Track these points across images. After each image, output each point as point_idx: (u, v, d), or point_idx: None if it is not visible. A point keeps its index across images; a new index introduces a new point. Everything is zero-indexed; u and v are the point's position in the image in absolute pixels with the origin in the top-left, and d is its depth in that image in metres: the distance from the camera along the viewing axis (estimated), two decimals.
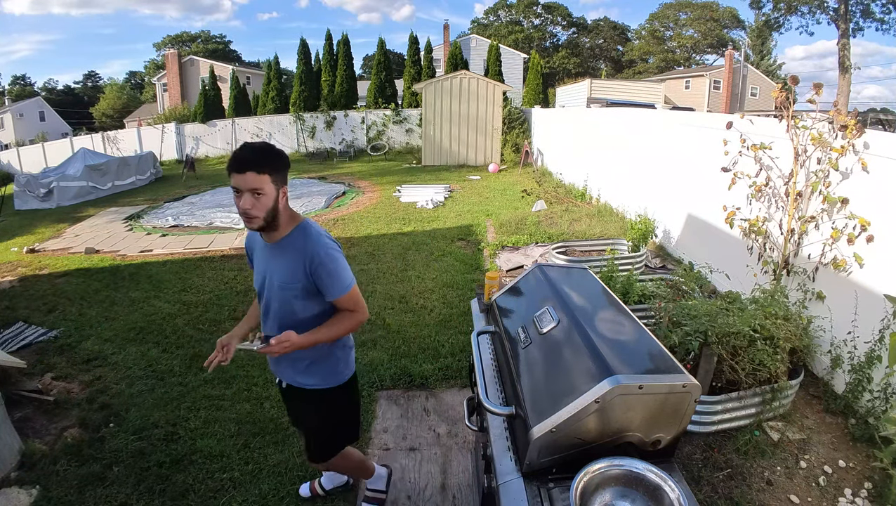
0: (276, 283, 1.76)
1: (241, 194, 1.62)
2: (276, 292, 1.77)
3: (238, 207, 1.64)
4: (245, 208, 1.62)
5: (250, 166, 1.60)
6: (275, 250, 1.76)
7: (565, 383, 1.33)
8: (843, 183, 3.08)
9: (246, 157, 1.61)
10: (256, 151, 1.64)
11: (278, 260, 1.75)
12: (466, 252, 6.13)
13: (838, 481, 2.38)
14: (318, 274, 1.71)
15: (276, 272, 1.76)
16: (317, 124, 19.00)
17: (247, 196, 1.62)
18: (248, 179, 1.60)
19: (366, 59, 49.42)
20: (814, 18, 30.28)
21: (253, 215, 1.64)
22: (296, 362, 1.87)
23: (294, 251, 1.72)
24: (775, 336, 2.63)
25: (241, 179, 1.60)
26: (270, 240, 1.77)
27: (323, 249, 1.72)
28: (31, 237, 8.20)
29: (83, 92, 52.38)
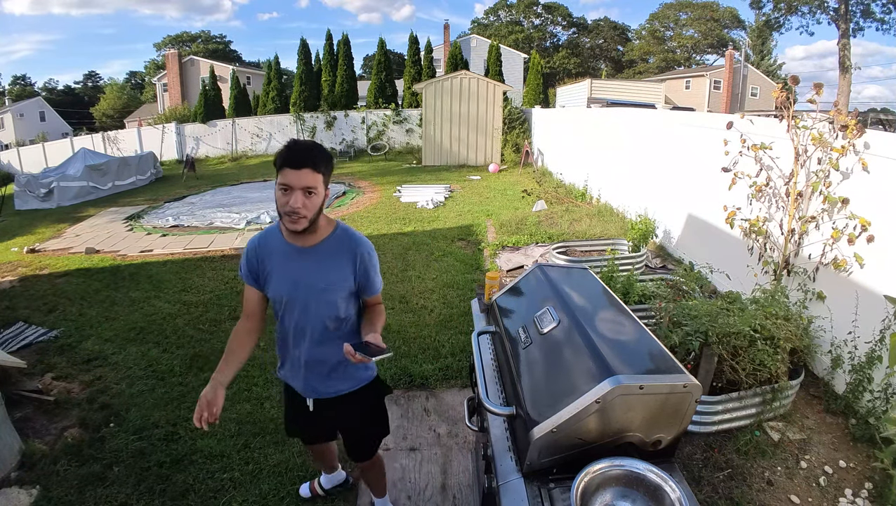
0: (320, 286, 1.67)
1: (292, 192, 1.52)
2: (317, 295, 1.68)
3: (283, 205, 1.54)
4: (296, 207, 1.52)
5: (309, 163, 1.52)
6: (311, 254, 1.67)
7: (566, 383, 1.33)
8: (843, 183, 3.08)
9: (304, 153, 1.53)
10: (313, 148, 1.56)
11: (319, 263, 1.67)
12: (467, 252, 6.13)
13: (839, 482, 2.38)
14: (367, 272, 1.71)
15: (317, 275, 1.67)
16: (317, 124, 19.01)
17: (298, 194, 1.52)
18: (303, 175, 1.51)
19: (366, 60, 49.45)
20: (814, 18, 30.30)
21: (302, 215, 1.55)
22: (331, 372, 1.80)
23: (342, 252, 1.68)
24: (776, 336, 2.63)
25: (296, 176, 1.51)
26: (305, 243, 1.67)
27: (368, 249, 1.73)
28: (31, 237, 8.20)
29: (83, 92, 52.41)
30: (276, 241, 1.71)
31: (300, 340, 1.75)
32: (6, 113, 35.18)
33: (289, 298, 1.70)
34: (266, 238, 1.74)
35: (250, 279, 1.75)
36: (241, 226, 8.13)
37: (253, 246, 1.75)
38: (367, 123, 18.78)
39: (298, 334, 1.74)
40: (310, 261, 1.67)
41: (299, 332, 1.74)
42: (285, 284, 1.69)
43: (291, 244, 1.68)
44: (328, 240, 1.69)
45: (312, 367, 1.78)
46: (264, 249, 1.72)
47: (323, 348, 1.74)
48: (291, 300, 1.70)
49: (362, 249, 1.70)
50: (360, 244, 1.71)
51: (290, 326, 1.74)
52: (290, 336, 1.76)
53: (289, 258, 1.68)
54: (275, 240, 1.71)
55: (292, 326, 1.74)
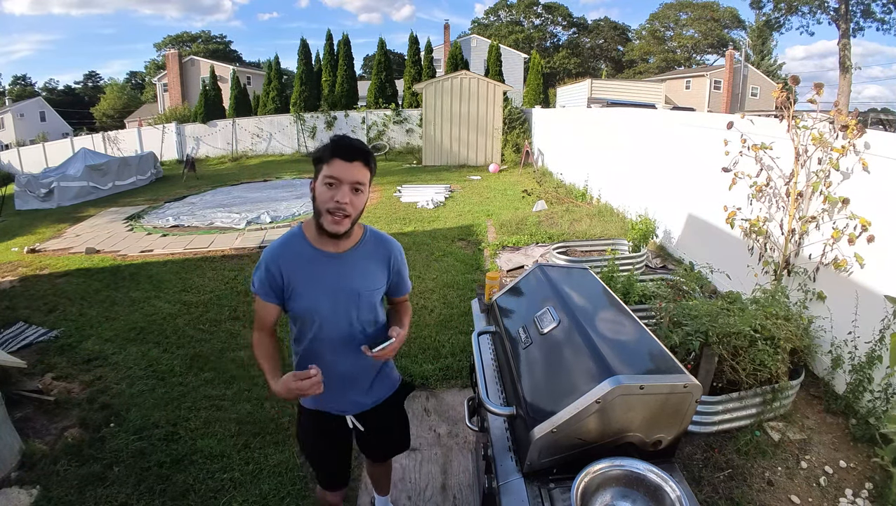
0: (360, 291, 1.57)
1: (340, 186, 1.40)
2: (359, 301, 1.58)
3: (327, 201, 1.41)
4: (344, 202, 1.40)
5: (360, 156, 1.42)
6: (347, 259, 1.56)
7: (566, 383, 1.33)
8: (843, 183, 3.08)
9: (357, 145, 1.43)
10: (363, 145, 1.46)
11: (355, 267, 1.57)
12: (467, 252, 6.13)
13: (839, 482, 2.38)
14: (400, 273, 1.69)
15: (356, 280, 1.57)
16: (317, 124, 19.02)
17: (346, 189, 1.41)
18: (355, 169, 1.41)
19: (366, 60, 49.46)
20: (814, 18, 30.30)
21: (347, 214, 1.43)
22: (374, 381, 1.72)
23: (376, 255, 1.62)
24: (776, 336, 2.63)
25: (346, 169, 1.40)
26: (339, 248, 1.55)
27: (400, 250, 1.69)
28: (31, 237, 8.20)
29: (84, 92, 52.43)
30: (301, 247, 1.54)
31: (343, 352, 1.60)
32: (6, 113, 35.20)
33: (328, 308, 1.55)
34: (288, 246, 1.55)
35: (271, 295, 1.54)
36: (242, 226, 8.13)
37: (273, 257, 1.53)
38: (367, 123, 18.79)
39: (341, 347, 1.60)
40: (347, 266, 1.56)
41: (341, 344, 1.59)
42: (322, 294, 1.53)
43: (322, 250, 1.53)
44: (363, 243, 1.60)
45: (356, 380, 1.68)
46: (288, 259, 1.52)
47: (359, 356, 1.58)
48: (331, 311, 1.55)
49: (395, 251, 1.66)
50: (393, 246, 1.66)
51: (328, 339, 1.58)
52: (327, 352, 1.59)
53: (321, 265, 1.53)
54: (300, 246, 1.54)
55: (332, 339, 1.58)
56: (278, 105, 20.34)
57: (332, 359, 1.59)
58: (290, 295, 1.53)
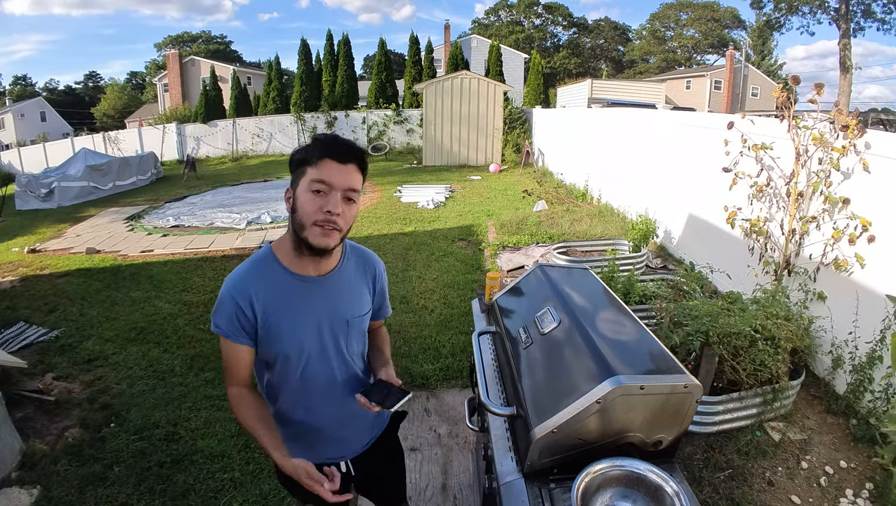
0: (349, 318, 1.33)
1: (329, 193, 1.16)
2: (347, 331, 1.34)
3: (316, 210, 1.16)
4: (335, 212, 1.16)
5: (356, 158, 1.20)
6: (332, 282, 1.31)
7: (566, 383, 1.33)
8: (844, 183, 3.07)
9: (350, 145, 1.20)
10: (355, 144, 1.23)
11: (341, 292, 1.33)
12: (467, 252, 6.13)
13: (839, 482, 2.38)
14: (384, 293, 1.47)
15: (344, 307, 1.32)
16: (318, 125, 19.02)
17: (338, 197, 1.16)
18: (349, 173, 1.18)
19: (366, 60, 49.49)
20: (815, 18, 30.31)
21: (339, 226, 1.18)
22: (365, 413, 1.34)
23: (360, 274, 1.39)
24: (776, 336, 2.63)
25: (340, 173, 1.16)
26: (321, 269, 1.29)
27: (382, 266, 1.46)
28: (32, 237, 8.21)
29: (84, 92, 52.46)
30: (274, 273, 1.26)
31: (334, 393, 1.35)
32: (7, 113, 35.22)
33: (316, 345, 1.29)
34: (257, 272, 1.26)
35: (241, 335, 1.23)
36: (242, 226, 8.14)
37: (240, 287, 1.23)
38: (367, 124, 18.79)
39: (330, 388, 1.34)
40: (332, 291, 1.31)
41: (331, 384, 1.34)
42: (307, 328, 1.27)
43: (300, 274, 1.27)
44: (345, 262, 1.36)
45: (352, 421, 1.42)
46: (260, 288, 1.23)
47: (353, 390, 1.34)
48: (318, 347, 1.30)
49: (379, 269, 1.44)
50: (376, 263, 1.45)
51: (315, 381, 1.32)
52: (315, 396, 1.33)
53: (302, 293, 1.27)
54: (272, 272, 1.26)
55: (320, 380, 1.32)
56: (279, 105, 20.35)
57: (323, 403, 1.35)
58: (265, 334, 1.24)
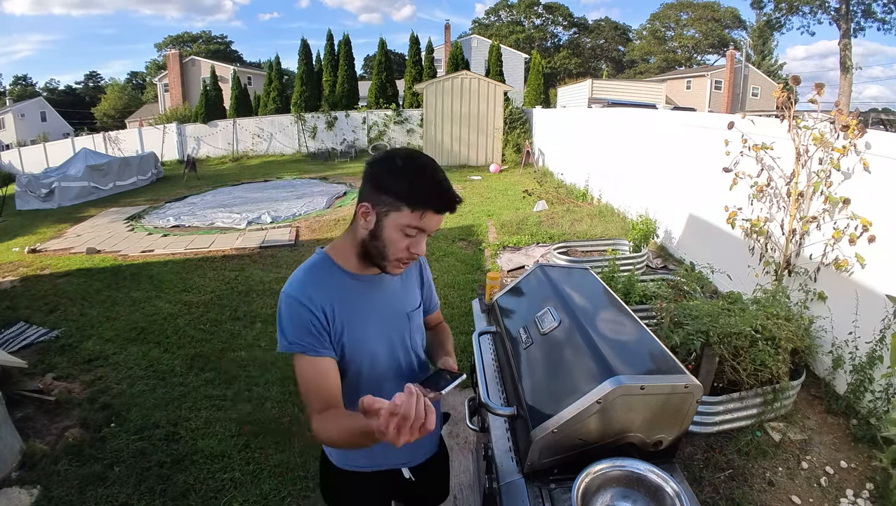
0: (408, 312, 1.34)
1: (422, 237, 1.17)
2: (409, 326, 1.34)
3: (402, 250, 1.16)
4: (420, 253, 1.19)
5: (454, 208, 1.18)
6: (384, 281, 1.29)
7: (567, 383, 1.33)
8: (844, 183, 3.07)
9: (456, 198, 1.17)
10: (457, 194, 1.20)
11: (396, 287, 1.33)
12: (467, 252, 6.13)
13: (840, 482, 2.37)
14: (429, 283, 1.47)
15: (402, 301, 1.33)
16: (318, 125, 19.02)
17: (424, 238, 1.18)
18: (441, 219, 1.18)
19: (367, 60, 49.48)
20: (815, 18, 30.28)
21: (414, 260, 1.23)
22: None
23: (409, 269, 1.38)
24: (777, 336, 2.63)
25: (439, 221, 1.17)
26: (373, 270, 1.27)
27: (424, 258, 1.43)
28: (32, 237, 8.21)
29: (84, 92, 52.47)
30: (334, 277, 1.22)
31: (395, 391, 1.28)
32: (7, 113, 35.22)
33: (384, 343, 1.27)
34: (322, 276, 1.21)
35: (324, 346, 1.14)
36: (242, 226, 8.14)
37: (307, 296, 1.15)
38: (367, 124, 18.80)
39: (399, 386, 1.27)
40: (389, 287, 1.30)
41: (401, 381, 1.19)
42: (376, 327, 1.24)
43: (362, 275, 1.25)
44: None
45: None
46: (330, 291, 1.19)
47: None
48: (387, 345, 1.27)
49: (423, 261, 1.44)
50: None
51: (387, 380, 1.28)
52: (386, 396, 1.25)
53: (366, 293, 1.25)
54: (332, 276, 1.22)
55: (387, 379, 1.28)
56: (279, 105, 20.35)
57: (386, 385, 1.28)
58: (338, 339, 1.18)
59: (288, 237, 7.19)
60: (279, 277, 5.54)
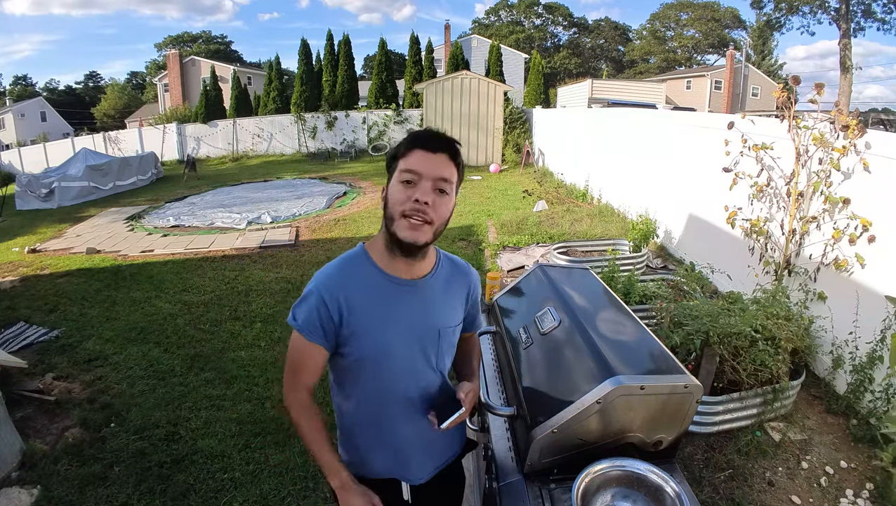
0: (441, 328, 1.24)
1: (419, 182, 1.09)
2: (437, 342, 1.24)
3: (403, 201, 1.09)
4: (424, 200, 1.08)
5: (447, 147, 1.13)
6: (426, 288, 1.22)
7: (567, 383, 1.33)
8: (844, 183, 3.07)
9: (441, 135, 1.15)
10: (447, 136, 1.16)
11: (434, 299, 1.24)
12: (468, 252, 6.13)
13: (840, 482, 2.37)
14: (477, 305, 1.38)
15: (436, 315, 1.23)
16: (318, 125, 19.02)
17: (428, 186, 1.09)
18: (439, 161, 1.11)
19: (367, 60, 49.47)
20: (815, 18, 30.29)
21: (429, 218, 1.10)
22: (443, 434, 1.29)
23: (454, 283, 1.29)
24: (777, 336, 2.63)
25: (429, 161, 1.10)
26: (415, 273, 1.21)
27: (478, 277, 1.37)
28: (32, 237, 8.21)
29: (84, 92, 52.46)
30: (367, 272, 1.19)
31: (414, 408, 1.24)
32: (7, 113, 35.21)
33: (402, 352, 1.20)
34: (351, 269, 1.19)
35: (319, 335, 1.15)
36: (242, 226, 8.14)
37: (333, 284, 1.16)
38: (367, 124, 18.78)
39: (411, 402, 1.24)
40: (425, 297, 1.22)
41: (413, 397, 1.23)
42: (396, 333, 1.18)
43: (393, 276, 1.19)
44: (440, 268, 1.27)
45: (427, 442, 1.30)
46: (353, 287, 1.16)
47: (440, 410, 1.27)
48: (405, 355, 1.20)
49: (474, 280, 1.35)
50: (472, 274, 1.35)
51: (395, 393, 1.22)
52: (393, 409, 1.24)
53: (394, 295, 1.18)
54: (365, 270, 1.19)
55: (400, 392, 1.22)
56: (279, 105, 20.34)
57: (400, 418, 1.24)
58: (349, 334, 1.16)
59: (288, 237, 7.19)
60: (279, 276, 5.54)
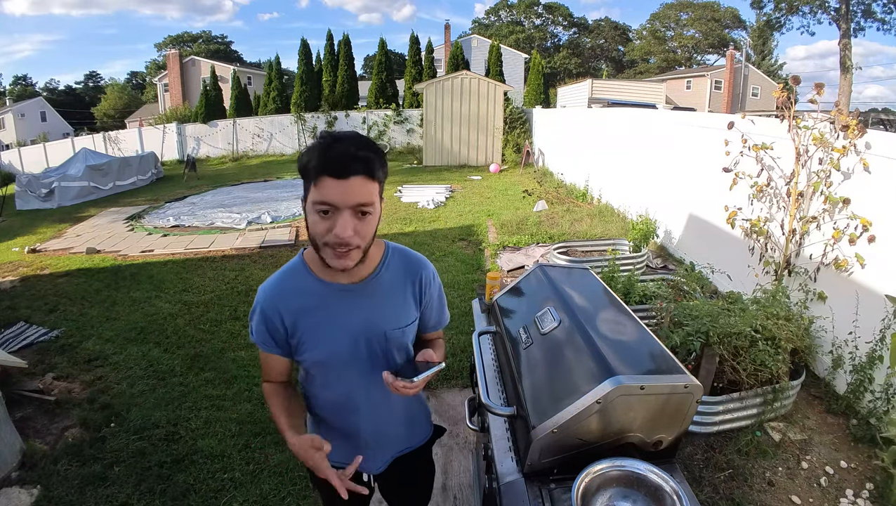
0: (387, 330, 1.22)
1: (337, 214, 1.02)
2: (385, 345, 1.23)
3: (322, 234, 1.04)
4: (345, 237, 1.02)
5: (360, 168, 1.01)
6: (367, 290, 1.21)
7: (567, 383, 1.33)
8: (844, 183, 3.07)
9: (350, 153, 1.00)
10: (363, 145, 1.04)
11: (383, 300, 1.22)
12: (468, 252, 6.13)
13: (840, 482, 2.37)
14: (430, 298, 1.31)
15: (381, 318, 1.22)
16: (318, 124, 19.01)
17: (346, 216, 1.02)
18: (353, 188, 1.00)
19: (367, 60, 49.53)
20: (815, 18, 30.32)
21: (354, 246, 1.05)
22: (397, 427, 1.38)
23: (400, 280, 1.26)
24: (777, 336, 2.63)
25: (342, 189, 0.99)
26: (354, 277, 1.19)
27: (430, 270, 1.31)
28: (32, 237, 8.21)
29: (84, 92, 52.48)
30: (305, 282, 1.19)
31: (361, 406, 1.28)
32: (7, 113, 35.21)
33: (348, 357, 1.21)
34: (287, 282, 1.20)
35: (272, 346, 1.21)
36: (242, 226, 8.14)
37: (269, 298, 1.18)
38: (367, 123, 18.78)
39: (358, 400, 1.27)
40: (367, 299, 1.21)
41: (361, 396, 1.27)
42: (339, 340, 1.19)
43: (332, 283, 1.19)
44: (385, 268, 1.24)
45: (384, 436, 1.36)
46: (289, 300, 1.18)
47: (389, 405, 1.32)
48: (352, 360, 1.22)
49: (426, 274, 1.29)
50: (422, 267, 1.29)
51: (344, 392, 1.26)
52: (343, 406, 1.28)
53: (334, 303, 1.19)
54: (303, 282, 1.19)
55: (349, 391, 1.26)
56: (279, 105, 20.35)
57: (352, 414, 1.29)
58: (297, 343, 1.19)
59: (288, 237, 7.19)
60: None
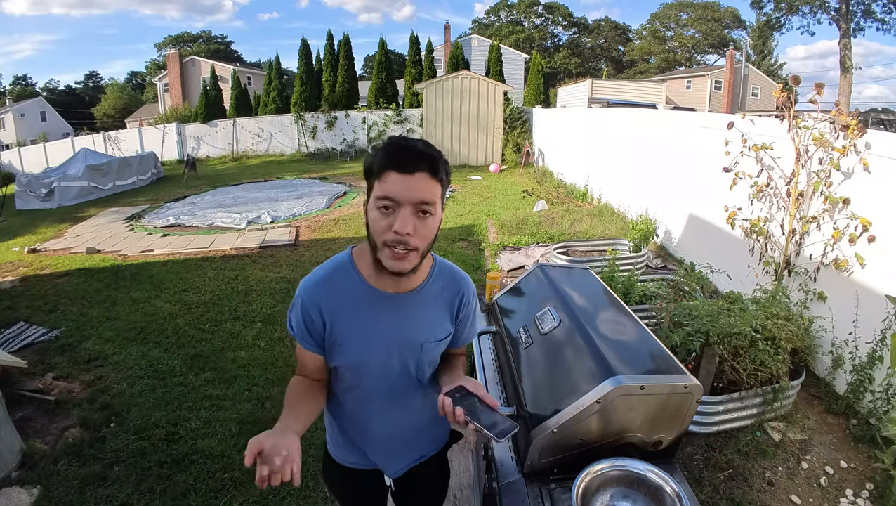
0: (423, 343, 1.20)
1: (398, 210, 1.00)
2: (418, 356, 1.21)
3: (383, 230, 1.02)
4: (405, 232, 0.99)
5: (425, 165, 1.00)
6: (411, 302, 1.18)
7: (567, 383, 1.33)
8: (844, 183, 3.07)
9: (419, 148, 1.01)
10: (429, 146, 1.04)
11: (420, 313, 1.19)
12: (468, 252, 6.13)
13: (840, 482, 2.37)
14: (466, 316, 1.28)
15: (420, 330, 1.19)
16: (318, 124, 19.01)
17: (407, 213, 1.00)
18: (418, 183, 0.99)
19: (367, 60, 49.48)
20: (815, 18, 30.28)
21: (413, 247, 1.02)
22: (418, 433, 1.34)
23: (442, 295, 1.23)
24: (777, 336, 2.63)
25: (406, 185, 0.99)
26: (401, 287, 1.16)
27: (471, 289, 1.28)
28: (32, 237, 8.21)
29: (84, 92, 52.46)
30: (350, 283, 1.15)
31: (392, 411, 1.27)
32: (7, 113, 35.20)
33: (380, 364, 1.19)
34: (333, 280, 1.16)
35: (310, 343, 1.17)
36: (242, 226, 8.13)
37: (313, 294, 1.14)
38: (367, 123, 18.77)
39: (390, 405, 1.26)
40: (410, 311, 1.18)
41: (391, 402, 1.26)
42: (375, 347, 1.17)
43: (378, 289, 1.15)
44: (431, 281, 1.21)
45: (405, 440, 1.34)
46: (332, 299, 1.14)
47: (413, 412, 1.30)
48: (383, 367, 1.19)
49: (467, 293, 1.26)
50: (464, 286, 1.26)
51: (375, 397, 1.24)
52: (372, 409, 1.26)
53: (376, 310, 1.15)
54: (348, 282, 1.15)
55: (380, 396, 1.24)
56: (279, 105, 20.33)
57: (379, 417, 1.27)
58: (332, 345, 1.16)
59: (288, 237, 7.19)
60: (279, 276, 5.54)
